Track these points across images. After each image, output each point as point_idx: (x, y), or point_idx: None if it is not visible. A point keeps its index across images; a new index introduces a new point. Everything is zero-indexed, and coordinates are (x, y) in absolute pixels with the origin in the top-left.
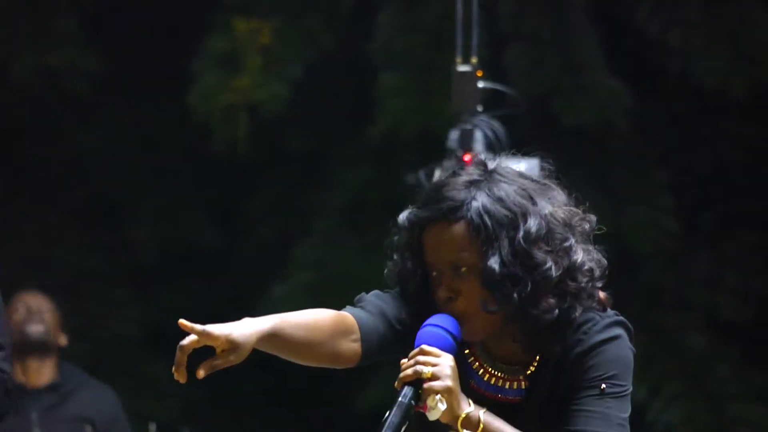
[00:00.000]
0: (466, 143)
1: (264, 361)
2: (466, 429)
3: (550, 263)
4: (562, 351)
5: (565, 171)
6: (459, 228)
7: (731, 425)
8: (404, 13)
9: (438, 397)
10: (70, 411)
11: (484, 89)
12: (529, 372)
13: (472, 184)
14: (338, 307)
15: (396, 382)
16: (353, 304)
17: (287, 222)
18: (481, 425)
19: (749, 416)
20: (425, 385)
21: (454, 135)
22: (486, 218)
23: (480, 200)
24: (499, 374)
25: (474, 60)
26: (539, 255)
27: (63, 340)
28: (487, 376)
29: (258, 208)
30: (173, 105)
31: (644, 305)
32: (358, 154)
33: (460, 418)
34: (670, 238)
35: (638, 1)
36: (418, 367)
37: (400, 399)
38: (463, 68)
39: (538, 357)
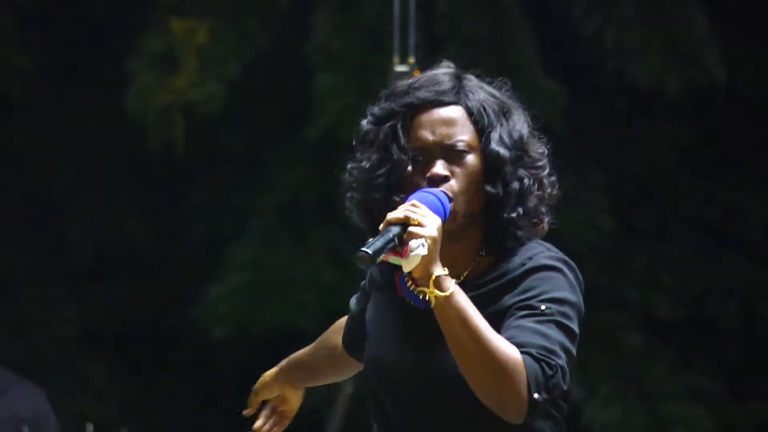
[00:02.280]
0: None
1: (200, 360)
2: (437, 289)
3: (544, 161)
4: (505, 267)
5: None
6: (455, 111)
7: (667, 425)
8: (341, 12)
9: (421, 241)
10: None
11: None
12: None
13: (459, 77)
14: (273, 306)
15: (381, 225)
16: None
17: (223, 222)
18: (451, 290)
19: (685, 416)
20: (411, 228)
21: None
22: (484, 104)
23: (473, 89)
24: None
25: (411, 60)
26: (532, 147)
27: None
28: (422, 295)
29: (194, 208)
30: (109, 104)
31: None
32: (294, 154)
33: (433, 276)
34: (606, 237)
35: (573, 1)
36: (409, 212)
37: (384, 232)
38: (400, 68)
39: (469, 269)
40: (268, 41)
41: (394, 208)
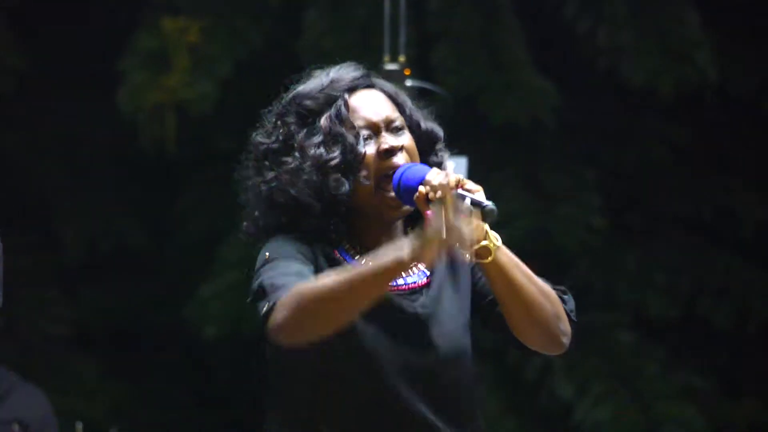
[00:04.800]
0: None
1: (192, 359)
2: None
3: None
4: None
5: (493, 169)
6: (379, 93)
7: (659, 424)
8: (332, 11)
9: (481, 193)
10: (1, 414)
11: (411, 88)
12: None
13: (356, 65)
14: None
15: (438, 192)
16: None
17: (214, 221)
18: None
19: (677, 415)
20: (468, 186)
21: None
22: (393, 88)
23: (375, 75)
24: None
25: (402, 58)
26: None
27: None
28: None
29: (186, 207)
30: (101, 103)
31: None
32: None
33: (487, 230)
34: (598, 236)
35: None
36: (455, 175)
37: (460, 194)
38: (390, 67)
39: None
40: (260, 40)
41: (346, 187)
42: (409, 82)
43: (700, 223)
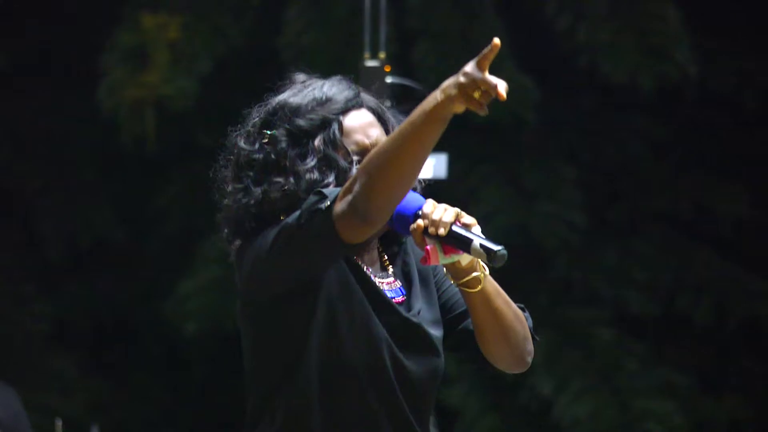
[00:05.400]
0: None
1: (173, 355)
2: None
3: None
4: (397, 248)
5: (473, 166)
6: (368, 113)
7: (638, 420)
8: (312, 8)
9: (477, 228)
10: None
11: (392, 84)
12: (391, 270)
13: (348, 82)
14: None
15: (439, 229)
16: None
17: (194, 217)
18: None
19: (656, 411)
20: (465, 219)
21: None
22: (377, 104)
23: (362, 91)
24: (385, 281)
25: (382, 55)
26: None
27: None
28: (384, 285)
29: (165, 203)
30: (81, 99)
31: (552, 300)
32: None
33: (477, 261)
34: (578, 232)
35: None
36: (453, 210)
37: (463, 233)
38: (371, 63)
39: (384, 257)
40: (240, 37)
41: None
42: (389, 79)
43: (680, 220)
